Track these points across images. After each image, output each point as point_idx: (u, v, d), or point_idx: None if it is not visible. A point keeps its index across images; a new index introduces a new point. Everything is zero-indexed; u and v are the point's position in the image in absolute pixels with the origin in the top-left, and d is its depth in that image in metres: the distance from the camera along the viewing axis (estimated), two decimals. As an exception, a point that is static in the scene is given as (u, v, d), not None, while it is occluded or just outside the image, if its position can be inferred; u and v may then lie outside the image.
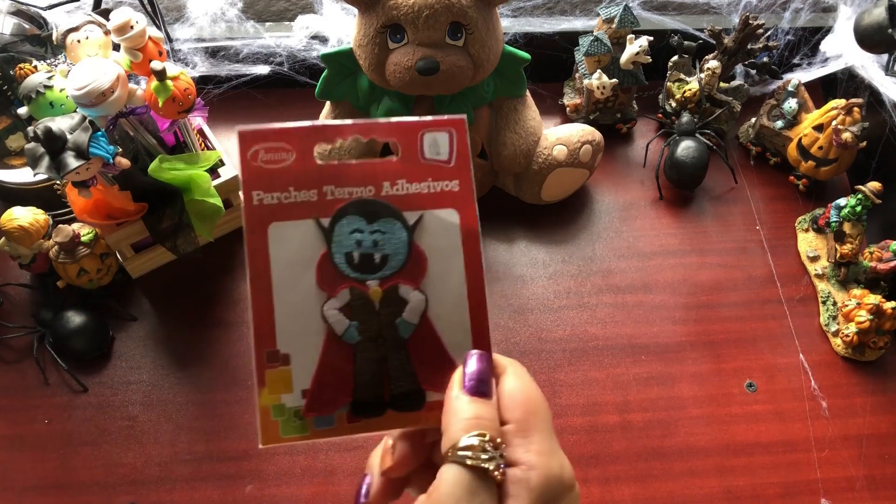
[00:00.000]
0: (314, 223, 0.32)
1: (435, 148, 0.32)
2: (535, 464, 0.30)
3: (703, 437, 0.64)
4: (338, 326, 0.32)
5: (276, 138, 0.32)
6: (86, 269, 0.65)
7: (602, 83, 0.75)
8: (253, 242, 0.31)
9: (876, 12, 0.64)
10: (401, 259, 0.32)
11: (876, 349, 0.67)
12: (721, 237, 0.75)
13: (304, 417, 0.31)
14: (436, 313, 0.32)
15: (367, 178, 0.32)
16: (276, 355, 0.31)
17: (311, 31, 0.78)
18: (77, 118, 0.53)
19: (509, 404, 0.31)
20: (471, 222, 0.32)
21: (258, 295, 0.31)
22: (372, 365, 0.32)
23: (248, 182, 0.31)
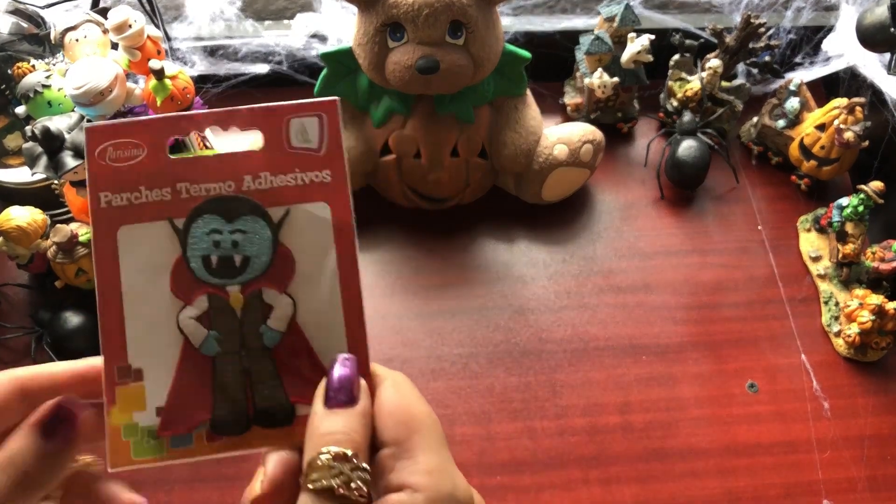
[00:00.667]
0: (168, 224, 0.29)
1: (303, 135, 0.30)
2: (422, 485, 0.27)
3: (705, 437, 0.63)
4: (195, 337, 0.29)
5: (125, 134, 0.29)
6: (84, 269, 0.64)
7: (603, 82, 0.75)
8: (101, 248, 0.29)
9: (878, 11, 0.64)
10: (265, 260, 0.29)
11: (878, 350, 0.67)
12: (722, 237, 0.75)
13: (159, 437, 0.29)
14: (306, 319, 0.29)
15: (227, 172, 0.29)
16: (127, 371, 0.29)
17: (310, 29, 0.78)
18: (75, 117, 0.52)
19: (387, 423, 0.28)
20: (343, 215, 0.30)
21: (106, 305, 0.29)
22: (233, 378, 0.29)
23: (95, 182, 0.29)
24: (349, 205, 0.30)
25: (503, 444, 0.63)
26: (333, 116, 0.30)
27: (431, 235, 0.74)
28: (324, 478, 0.26)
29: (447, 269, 0.72)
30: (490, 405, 0.64)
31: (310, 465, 0.26)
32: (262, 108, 0.30)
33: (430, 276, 0.71)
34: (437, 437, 0.29)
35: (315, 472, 0.26)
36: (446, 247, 0.73)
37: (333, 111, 0.30)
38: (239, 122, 0.30)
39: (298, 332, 0.29)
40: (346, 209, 0.30)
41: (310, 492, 0.26)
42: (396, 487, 0.27)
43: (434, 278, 0.71)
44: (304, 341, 0.29)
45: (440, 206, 0.73)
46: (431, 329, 0.68)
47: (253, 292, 0.29)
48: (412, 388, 0.30)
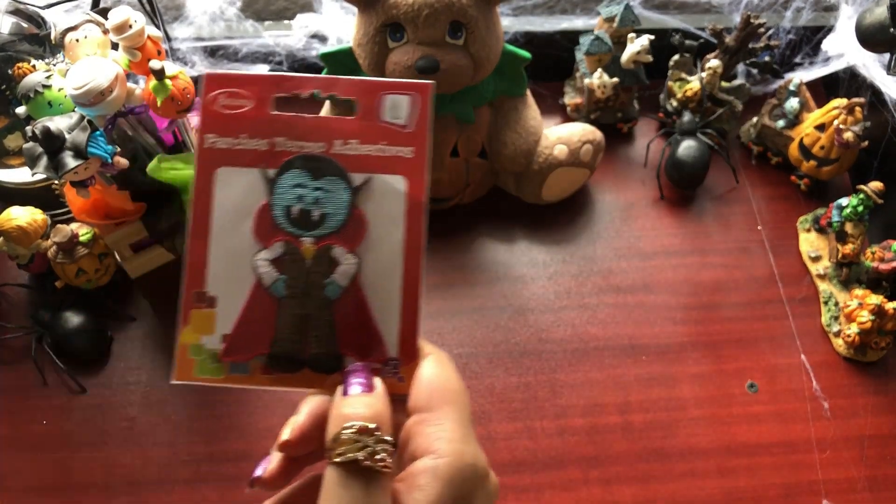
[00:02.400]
0: (260, 173, 0.32)
1: (395, 111, 0.32)
2: (445, 451, 0.28)
3: (705, 437, 0.63)
4: (266, 278, 0.31)
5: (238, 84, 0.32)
6: (84, 270, 0.64)
7: (603, 82, 0.75)
8: (200, 183, 0.32)
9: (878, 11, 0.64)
10: (340, 220, 0.32)
11: (878, 350, 0.67)
12: (722, 237, 0.75)
13: (221, 361, 0.31)
14: (367, 280, 0.31)
15: (321, 133, 0.32)
16: (203, 296, 0.31)
17: (310, 29, 0.78)
18: (75, 117, 0.52)
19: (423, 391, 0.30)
20: (418, 193, 0.32)
21: (196, 236, 0.32)
22: (294, 321, 0.31)
23: (204, 124, 0.32)
24: (425, 183, 0.32)
25: (503, 444, 0.63)
26: (426, 98, 0.32)
27: (431, 235, 0.73)
28: (349, 451, 0.27)
29: (447, 269, 0.72)
30: (490, 405, 0.65)
31: (334, 440, 0.27)
32: (362, 79, 0.32)
33: (430, 275, 0.71)
34: (466, 412, 0.30)
35: (341, 447, 0.27)
36: (446, 247, 0.73)
37: (427, 93, 0.32)
38: (339, 90, 0.32)
39: (358, 290, 0.32)
40: (421, 186, 0.32)
41: (336, 465, 0.27)
42: (422, 452, 0.28)
43: (434, 278, 0.71)
44: (362, 300, 0.31)
45: (440, 206, 0.73)
46: (431, 329, 0.68)
47: (324, 247, 0.32)
48: (452, 366, 0.32)
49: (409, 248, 0.32)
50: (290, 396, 0.65)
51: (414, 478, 0.28)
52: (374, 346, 0.31)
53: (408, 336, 0.32)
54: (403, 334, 0.32)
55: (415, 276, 0.32)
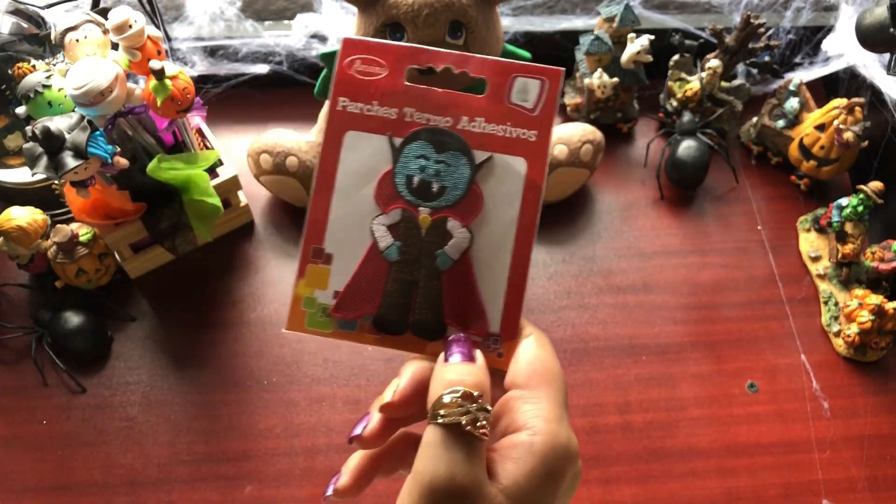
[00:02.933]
0: (387, 140, 0.33)
1: (523, 94, 0.32)
2: (542, 429, 0.29)
3: (705, 437, 0.63)
4: (381, 242, 0.33)
5: (375, 51, 0.33)
6: (84, 270, 0.64)
7: (603, 82, 0.75)
8: (328, 145, 0.33)
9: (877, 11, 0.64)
10: (457, 194, 0.32)
11: (878, 350, 0.67)
12: (722, 237, 0.75)
13: (331, 316, 0.33)
14: (478, 255, 0.32)
15: (449, 108, 0.32)
16: (320, 252, 0.33)
17: (310, 29, 0.78)
18: (75, 117, 0.52)
19: (522, 369, 0.31)
20: (537, 176, 0.32)
21: (320, 193, 0.33)
22: (404, 286, 0.33)
23: (338, 87, 0.33)
24: (545, 168, 0.33)
25: (503, 444, 0.63)
26: (555, 84, 0.33)
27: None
28: (452, 414, 0.28)
29: (447, 269, 0.72)
30: (490, 405, 0.64)
31: (438, 403, 0.29)
32: (495, 60, 0.33)
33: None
34: (563, 394, 0.31)
35: (444, 409, 0.28)
36: (446, 247, 0.73)
37: (557, 79, 0.33)
38: (472, 67, 0.33)
39: (468, 264, 0.33)
40: (541, 170, 0.32)
41: (438, 426, 0.28)
42: (518, 427, 0.29)
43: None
44: (470, 274, 0.32)
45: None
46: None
47: (440, 218, 0.33)
48: (552, 348, 0.33)
49: (522, 229, 0.32)
50: (290, 396, 0.65)
51: (508, 450, 0.29)
52: (477, 319, 0.32)
53: (511, 314, 0.32)
54: (507, 312, 0.32)
55: (524, 257, 0.32)
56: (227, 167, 0.67)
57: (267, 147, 0.69)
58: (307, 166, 0.69)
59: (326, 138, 0.33)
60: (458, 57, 0.33)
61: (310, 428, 0.63)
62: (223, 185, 0.66)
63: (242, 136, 0.76)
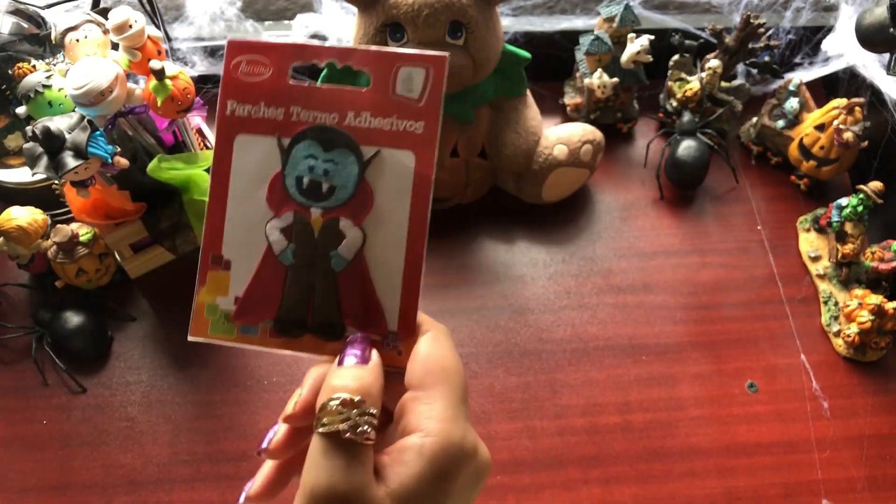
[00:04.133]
0: (275, 141, 0.32)
1: (408, 84, 0.32)
2: (433, 430, 0.29)
3: (704, 437, 0.63)
4: (276, 246, 0.32)
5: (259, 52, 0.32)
6: (84, 269, 0.64)
7: (603, 82, 0.75)
8: (220, 150, 0.32)
9: (877, 11, 0.64)
10: (347, 193, 0.32)
11: (877, 349, 0.67)
12: (722, 237, 0.75)
13: (233, 322, 0.33)
14: (371, 253, 0.32)
15: (335, 104, 0.32)
16: (219, 260, 0.33)
17: (310, 30, 0.78)
18: (75, 117, 0.52)
19: (416, 370, 0.30)
20: (426, 169, 0.32)
21: (215, 200, 0.32)
22: (301, 288, 0.32)
23: (225, 91, 0.32)
24: (433, 160, 0.32)
25: (503, 444, 0.63)
26: (440, 71, 0.32)
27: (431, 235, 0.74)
28: (332, 422, 0.28)
29: (447, 269, 0.72)
30: (490, 405, 0.65)
31: (321, 410, 0.28)
32: (378, 50, 0.32)
33: (430, 276, 0.71)
34: (460, 390, 0.31)
35: (325, 417, 0.28)
36: (446, 247, 0.73)
37: (441, 66, 0.32)
38: (355, 60, 0.32)
39: (363, 263, 0.32)
40: (429, 163, 0.32)
41: (320, 435, 0.28)
42: (411, 429, 0.29)
43: (434, 278, 0.71)
44: (365, 273, 0.32)
45: (440, 206, 0.73)
46: (431, 329, 0.68)
47: (331, 219, 0.32)
48: (450, 342, 0.32)
49: (414, 224, 0.32)
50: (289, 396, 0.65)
51: (399, 453, 0.29)
52: (375, 318, 0.32)
53: (408, 311, 0.32)
54: (404, 309, 0.32)
55: (418, 253, 0.32)
56: (227, 167, 0.67)
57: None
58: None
59: (217, 144, 0.32)
60: (341, 51, 0.32)
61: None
62: (223, 185, 0.66)
63: (242, 136, 0.76)
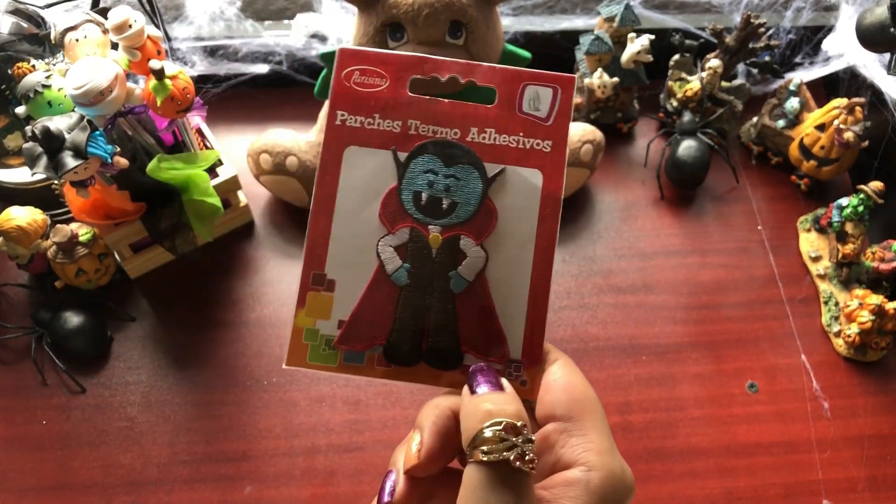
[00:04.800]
0: (391, 155, 0.30)
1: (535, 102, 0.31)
2: (596, 464, 0.27)
3: (705, 437, 0.63)
4: (389, 265, 0.30)
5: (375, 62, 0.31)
6: (84, 270, 0.64)
7: (603, 82, 0.75)
8: (326, 161, 0.30)
9: (878, 11, 0.64)
10: (470, 210, 0.30)
11: (878, 350, 0.67)
12: (722, 237, 0.75)
13: (335, 348, 0.30)
14: (494, 275, 0.30)
15: (456, 119, 0.30)
16: (322, 279, 0.30)
17: (310, 29, 0.78)
18: (75, 117, 0.52)
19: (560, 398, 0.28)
20: (555, 188, 0.31)
21: (318, 214, 0.30)
22: (415, 311, 0.30)
23: (336, 100, 0.31)
24: (562, 178, 0.31)
25: (503, 444, 0.62)
26: (568, 92, 0.31)
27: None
28: (497, 450, 0.25)
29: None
30: (490, 405, 0.64)
31: (479, 438, 0.26)
32: (503, 68, 0.31)
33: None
34: (604, 418, 0.29)
35: (486, 444, 0.26)
36: (446, 247, 0.73)
37: (570, 87, 0.31)
38: (479, 76, 0.31)
39: (484, 285, 0.30)
40: (558, 182, 0.31)
41: (483, 464, 0.25)
42: (568, 463, 0.27)
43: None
44: (487, 296, 0.30)
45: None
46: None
47: (451, 237, 0.30)
48: (579, 370, 0.30)
49: (541, 245, 0.31)
50: (290, 396, 0.64)
51: (564, 489, 0.27)
52: (496, 344, 0.30)
53: (533, 338, 0.30)
54: (529, 335, 0.30)
55: (545, 276, 0.30)
56: (227, 167, 0.67)
57: (267, 147, 0.69)
58: (307, 166, 0.69)
59: (325, 154, 0.30)
60: (465, 66, 0.31)
61: (310, 428, 0.62)
62: (223, 185, 0.66)
63: (242, 136, 0.76)
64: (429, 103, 0.31)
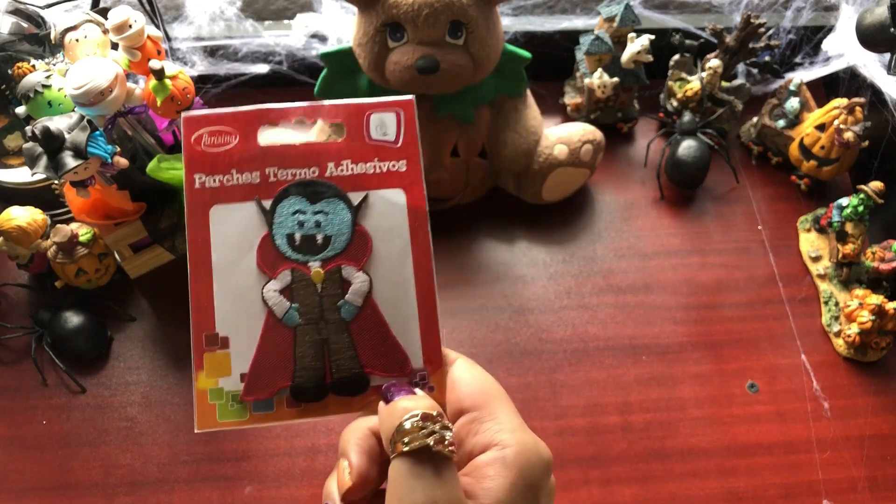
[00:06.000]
0: (255, 205, 0.31)
1: (382, 128, 0.32)
2: (509, 441, 0.28)
3: (705, 438, 0.63)
4: (278, 309, 0.31)
5: (219, 122, 0.31)
6: (84, 270, 0.64)
7: (603, 82, 0.75)
8: (194, 226, 0.31)
9: (878, 11, 0.64)
10: (344, 240, 0.31)
11: (878, 350, 0.67)
12: (722, 237, 0.75)
13: (243, 401, 0.31)
14: (381, 295, 0.31)
15: (311, 158, 0.31)
16: (214, 338, 0.31)
17: (310, 29, 0.78)
18: (75, 117, 0.52)
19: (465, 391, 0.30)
20: (418, 202, 0.32)
21: (198, 278, 0.31)
22: (313, 348, 0.31)
23: (190, 165, 0.31)
24: (423, 192, 0.32)
25: (503, 444, 0.62)
26: (410, 113, 0.32)
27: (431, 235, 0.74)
28: (416, 438, 0.26)
29: (447, 270, 0.72)
30: (490, 405, 0.64)
31: (398, 431, 0.27)
32: (346, 103, 0.32)
33: (430, 276, 0.71)
34: (510, 402, 0.30)
35: (406, 436, 0.27)
36: (446, 247, 0.73)
37: (410, 108, 0.32)
38: (324, 115, 0.32)
39: (374, 306, 0.31)
40: (419, 196, 0.32)
41: (404, 455, 0.26)
42: (483, 447, 0.28)
43: (434, 278, 0.71)
44: (378, 316, 0.31)
45: (440, 206, 0.73)
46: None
47: (333, 268, 0.31)
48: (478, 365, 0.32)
49: (418, 257, 0.32)
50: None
51: (482, 469, 0.28)
52: (398, 360, 0.31)
53: (431, 345, 0.31)
54: (426, 344, 0.31)
55: (428, 285, 0.32)
56: (226, 167, 0.67)
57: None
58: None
59: (190, 219, 0.31)
60: (309, 108, 0.32)
61: (310, 428, 0.62)
62: (223, 185, 0.66)
63: (242, 135, 0.76)
64: (282, 149, 0.31)
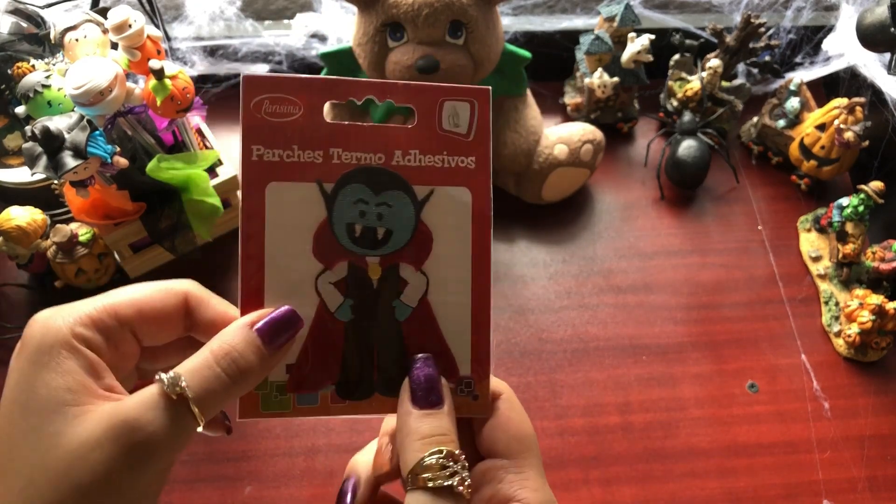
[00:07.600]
0: (317, 187, 0.29)
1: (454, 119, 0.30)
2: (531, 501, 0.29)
3: (705, 438, 0.63)
4: (331, 301, 0.30)
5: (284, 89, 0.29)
6: (84, 270, 0.64)
7: (603, 82, 0.75)
8: (248, 201, 0.29)
9: (878, 11, 0.64)
10: (405, 236, 0.30)
11: (878, 350, 0.67)
12: (722, 237, 0.75)
13: (287, 394, 0.30)
14: (436, 298, 0.30)
15: (379, 144, 0.29)
16: None
17: (310, 29, 0.78)
18: (75, 117, 0.52)
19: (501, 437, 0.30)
20: (483, 203, 0.30)
21: (249, 259, 0.29)
22: (362, 345, 0.30)
23: (249, 134, 0.29)
24: (489, 194, 0.30)
25: (503, 444, 0.62)
26: (485, 104, 0.30)
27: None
28: (440, 477, 0.27)
29: (447, 269, 0.72)
30: (490, 405, 0.64)
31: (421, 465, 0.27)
32: (418, 85, 0.30)
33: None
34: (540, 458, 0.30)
35: (428, 472, 0.27)
36: (446, 247, 0.73)
37: (485, 99, 0.30)
38: (394, 96, 0.30)
39: (427, 309, 0.30)
40: (486, 198, 0.30)
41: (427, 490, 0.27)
42: (504, 499, 0.29)
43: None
44: (431, 319, 0.30)
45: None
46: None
47: (391, 266, 0.30)
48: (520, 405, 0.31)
49: (477, 262, 0.30)
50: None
51: None
52: (445, 365, 0.30)
53: (480, 353, 0.30)
54: (475, 351, 0.30)
55: (484, 291, 0.30)
56: (226, 167, 0.67)
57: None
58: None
59: (245, 195, 0.29)
60: (380, 86, 0.30)
61: (310, 428, 0.62)
62: (223, 185, 0.66)
63: (242, 135, 0.76)
64: (349, 129, 0.29)
